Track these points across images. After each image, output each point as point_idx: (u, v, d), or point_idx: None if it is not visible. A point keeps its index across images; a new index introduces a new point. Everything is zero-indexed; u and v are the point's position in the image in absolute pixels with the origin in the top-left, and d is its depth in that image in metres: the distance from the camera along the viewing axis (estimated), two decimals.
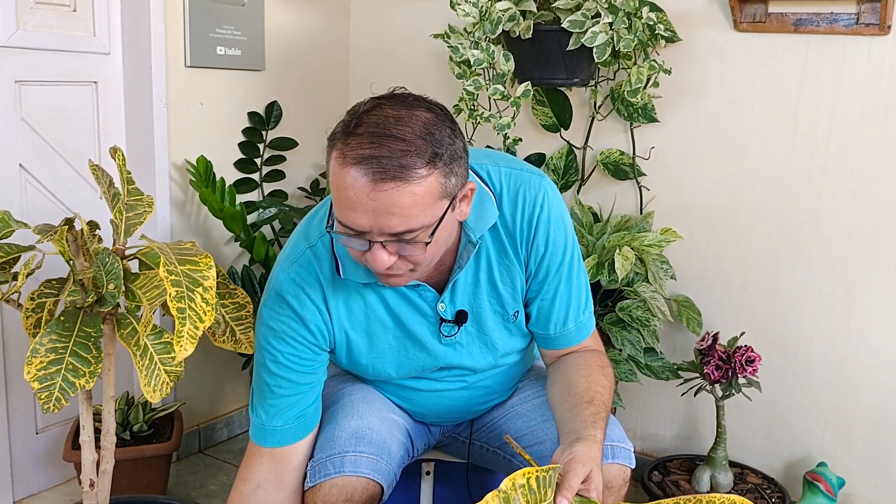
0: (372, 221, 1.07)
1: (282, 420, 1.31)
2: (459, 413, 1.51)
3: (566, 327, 1.37)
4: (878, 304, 1.99)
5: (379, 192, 1.05)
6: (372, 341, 1.34)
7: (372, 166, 1.05)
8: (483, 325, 1.35)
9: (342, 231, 1.12)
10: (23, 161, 1.96)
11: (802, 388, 2.11)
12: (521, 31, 1.97)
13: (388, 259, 1.11)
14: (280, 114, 2.46)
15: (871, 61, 1.92)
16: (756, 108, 2.08)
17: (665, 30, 2.04)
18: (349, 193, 1.07)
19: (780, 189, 2.07)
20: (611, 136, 2.27)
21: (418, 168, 1.06)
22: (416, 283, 1.28)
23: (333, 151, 1.10)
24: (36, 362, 1.13)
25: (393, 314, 1.32)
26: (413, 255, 1.13)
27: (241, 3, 2.31)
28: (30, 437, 2.08)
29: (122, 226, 1.25)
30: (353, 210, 1.07)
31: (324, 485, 1.27)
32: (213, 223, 2.32)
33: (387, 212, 1.06)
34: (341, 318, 1.30)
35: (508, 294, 1.34)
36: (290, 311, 1.27)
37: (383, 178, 1.05)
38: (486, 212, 1.27)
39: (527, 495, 0.91)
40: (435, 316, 1.32)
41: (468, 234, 1.26)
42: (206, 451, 2.43)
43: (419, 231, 1.10)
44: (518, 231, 1.30)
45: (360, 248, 1.12)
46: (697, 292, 2.20)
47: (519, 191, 1.30)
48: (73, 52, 2.02)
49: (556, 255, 1.32)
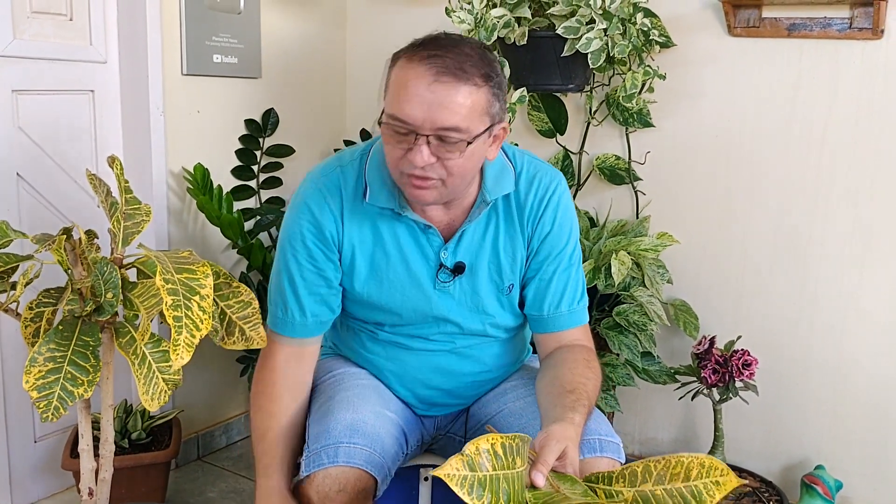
0: (425, 114, 1.20)
1: (301, 317, 1.41)
2: (448, 384, 1.52)
3: (559, 309, 1.44)
4: (873, 306, 2.00)
5: (439, 84, 1.19)
6: (373, 268, 1.41)
7: (437, 63, 1.20)
8: (477, 285, 1.43)
9: (393, 125, 1.23)
10: (20, 170, 1.97)
11: (799, 392, 2.12)
12: (517, 37, 1.98)
13: (428, 157, 1.23)
14: (277, 121, 2.47)
15: (864, 65, 1.93)
16: (751, 113, 2.09)
17: (659, 35, 2.05)
18: (410, 85, 1.20)
19: (776, 193, 2.08)
20: (606, 141, 2.28)
21: (475, 76, 1.22)
22: (426, 224, 1.38)
23: (398, 61, 1.24)
24: (35, 371, 1.13)
25: (399, 248, 1.40)
26: (449, 160, 1.24)
27: (238, 11, 2.32)
28: (28, 445, 2.08)
29: (120, 235, 1.26)
30: (411, 102, 1.20)
31: (318, 475, 1.29)
32: (211, 230, 2.32)
33: (441, 105, 1.19)
34: (352, 237, 1.39)
35: (507, 264, 1.43)
36: (310, 214, 1.38)
37: (445, 73, 1.19)
38: (504, 180, 1.40)
39: (492, 460, 0.92)
40: (436, 261, 1.41)
41: (484, 194, 1.38)
42: (204, 458, 2.43)
43: (463, 133, 1.22)
44: (529, 207, 1.42)
45: (405, 145, 1.24)
46: (694, 296, 2.21)
47: (536, 174, 1.43)
48: (69, 60, 2.03)
49: (559, 239, 1.43)
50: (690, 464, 0.97)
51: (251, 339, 1.36)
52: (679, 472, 0.98)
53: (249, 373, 2.38)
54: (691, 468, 0.97)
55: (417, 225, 1.39)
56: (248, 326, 1.35)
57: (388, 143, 1.27)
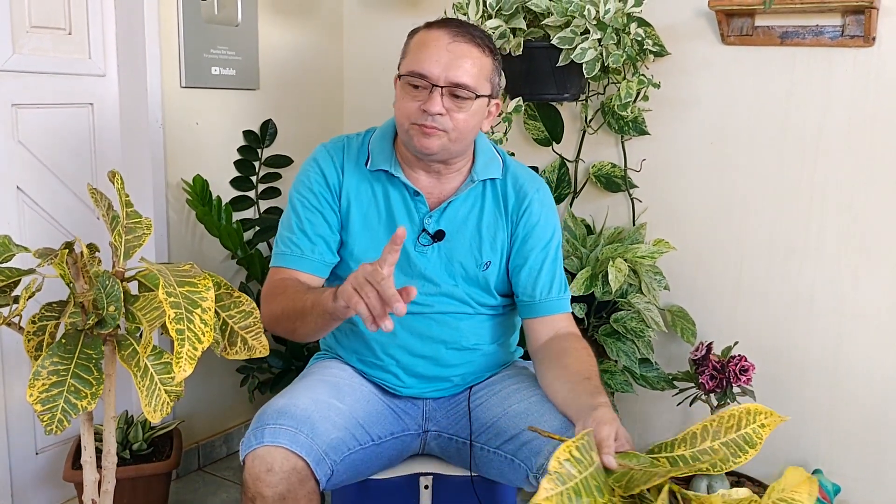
0: (442, 68, 1.41)
1: (310, 253, 1.53)
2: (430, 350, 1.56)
3: (550, 294, 1.57)
4: (869, 311, 2.01)
5: (456, 44, 1.42)
6: (365, 222, 1.55)
7: (453, 27, 1.44)
8: (453, 254, 1.56)
9: (412, 79, 1.43)
10: (20, 183, 1.98)
11: (796, 397, 2.13)
12: (512, 48, 2.00)
13: (440, 106, 1.42)
14: (275, 132, 2.48)
15: (856, 72, 1.95)
16: (745, 120, 2.10)
17: (653, 44, 2.07)
18: (430, 45, 1.43)
19: (771, 199, 2.10)
20: (602, 149, 2.30)
21: (485, 46, 1.46)
22: (416, 191, 1.54)
23: (418, 32, 1.48)
24: (38, 385, 1.14)
25: (389, 208, 1.55)
26: (456, 114, 1.43)
27: (235, 23, 2.34)
28: (29, 457, 2.08)
29: (121, 248, 1.27)
30: (430, 59, 1.41)
31: (248, 457, 1.34)
32: (210, 241, 2.33)
33: (456, 63, 1.41)
34: (350, 191, 1.56)
35: (488, 241, 1.57)
36: (317, 166, 1.57)
37: (461, 35, 1.43)
38: (492, 166, 1.59)
39: (576, 465, 0.95)
40: (420, 226, 1.55)
41: (473, 174, 1.56)
42: (205, 468, 2.44)
43: (471, 90, 1.42)
44: (514, 199, 1.58)
45: (420, 97, 1.42)
46: (691, 302, 2.22)
47: (522, 173, 1.62)
48: (68, 74, 2.04)
49: (545, 232, 1.58)
50: (740, 415, 1.06)
51: (253, 347, 1.37)
52: (732, 425, 1.07)
53: (250, 383, 2.39)
54: (741, 418, 1.06)
55: (408, 190, 1.55)
56: (249, 336, 1.36)
57: (404, 98, 1.45)
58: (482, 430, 1.52)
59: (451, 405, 1.60)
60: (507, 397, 1.53)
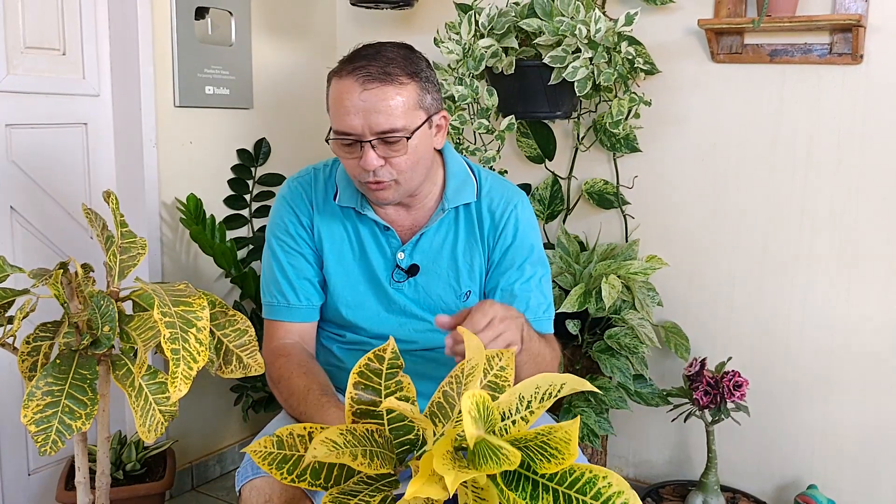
0: (362, 121, 1.32)
1: (295, 300, 1.50)
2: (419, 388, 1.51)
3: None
4: (861, 325, 2.02)
5: (367, 92, 1.31)
6: (340, 261, 1.51)
7: (361, 73, 1.32)
8: (431, 287, 1.50)
9: (339, 139, 1.36)
10: (13, 203, 1.98)
11: (790, 412, 2.14)
12: (504, 66, 2.02)
13: (376, 161, 1.34)
14: (268, 150, 2.49)
15: (845, 89, 1.98)
16: (735, 137, 2.12)
17: (644, 63, 2.09)
18: (344, 99, 1.33)
19: (762, 215, 2.11)
20: (594, 166, 2.31)
21: (399, 76, 1.33)
22: (385, 225, 1.48)
23: (332, 78, 1.38)
24: (32, 406, 1.13)
25: (361, 245, 1.51)
26: (396, 159, 1.35)
27: (229, 43, 2.35)
28: (22, 478, 2.07)
29: (116, 268, 1.27)
30: (348, 113, 1.33)
31: (245, 488, 1.32)
32: (204, 260, 2.33)
33: (374, 110, 1.31)
34: (322, 229, 1.51)
35: (466, 270, 1.50)
36: (289, 206, 1.52)
37: (370, 80, 1.32)
38: (465, 191, 1.50)
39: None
40: (393, 261, 1.50)
41: (444, 201, 1.48)
42: (198, 488, 2.42)
43: (400, 131, 1.33)
44: (490, 220, 1.50)
45: (354, 155, 1.35)
46: (684, 318, 2.23)
47: (498, 188, 1.53)
48: (63, 94, 2.05)
49: (521, 251, 1.50)
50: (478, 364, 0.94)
51: (248, 366, 1.36)
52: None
53: (244, 402, 2.38)
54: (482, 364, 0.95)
55: (378, 225, 1.50)
56: (245, 354, 1.35)
57: (341, 156, 1.39)
58: None
59: None
60: None
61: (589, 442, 2.01)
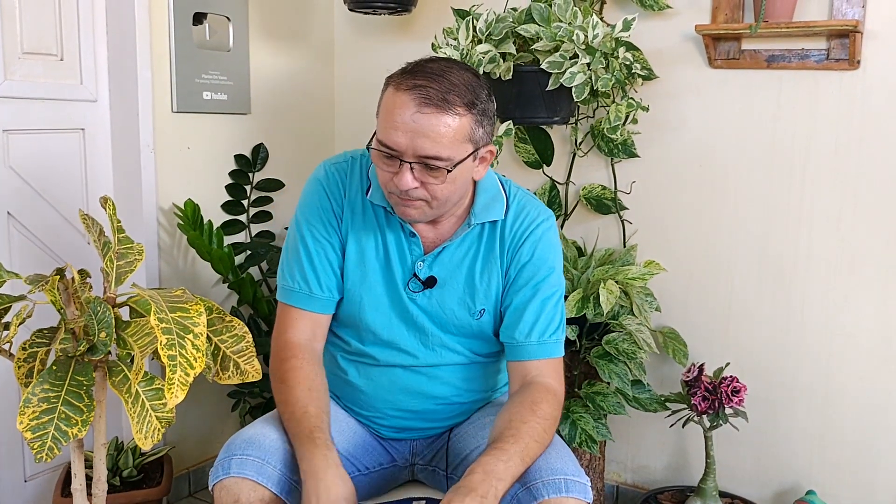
0: (409, 141, 1.28)
1: (318, 290, 1.47)
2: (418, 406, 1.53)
3: (529, 338, 1.45)
4: (858, 330, 2.02)
5: (421, 115, 1.26)
6: (360, 257, 1.48)
7: (420, 93, 1.27)
8: (445, 301, 1.47)
9: (380, 150, 1.31)
10: (10, 209, 1.98)
11: (789, 417, 2.14)
12: (502, 72, 2.02)
13: (412, 182, 1.31)
14: (266, 156, 2.49)
15: (842, 95, 1.98)
16: (733, 142, 2.12)
17: (641, 68, 2.09)
18: (396, 114, 1.28)
19: (760, 220, 2.12)
20: (592, 172, 2.31)
21: (457, 105, 1.28)
22: (412, 232, 1.45)
23: (389, 86, 1.32)
24: (29, 412, 1.13)
25: (384, 247, 1.47)
26: (432, 185, 1.32)
27: (227, 48, 2.35)
28: (18, 484, 2.06)
29: (113, 274, 1.27)
30: (396, 129, 1.28)
31: (215, 488, 1.31)
32: (201, 265, 2.33)
33: (423, 134, 1.27)
34: (348, 222, 1.48)
35: (482, 289, 1.47)
36: (324, 192, 1.48)
37: (428, 104, 1.27)
38: (494, 208, 1.47)
39: None
40: (412, 269, 1.47)
41: (470, 217, 1.45)
42: (196, 494, 2.41)
43: (444, 161, 1.29)
44: (511, 235, 1.47)
45: (391, 169, 1.32)
46: (682, 324, 2.23)
47: (526, 206, 1.50)
48: (60, 100, 2.05)
49: (537, 269, 1.46)
50: None
51: (246, 372, 1.36)
52: None
53: (241, 408, 2.37)
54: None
55: (404, 230, 1.46)
56: (242, 360, 1.35)
57: (378, 165, 1.35)
58: (458, 463, 1.50)
59: (437, 440, 1.59)
60: (482, 428, 1.50)
61: (587, 448, 2.01)
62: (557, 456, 1.34)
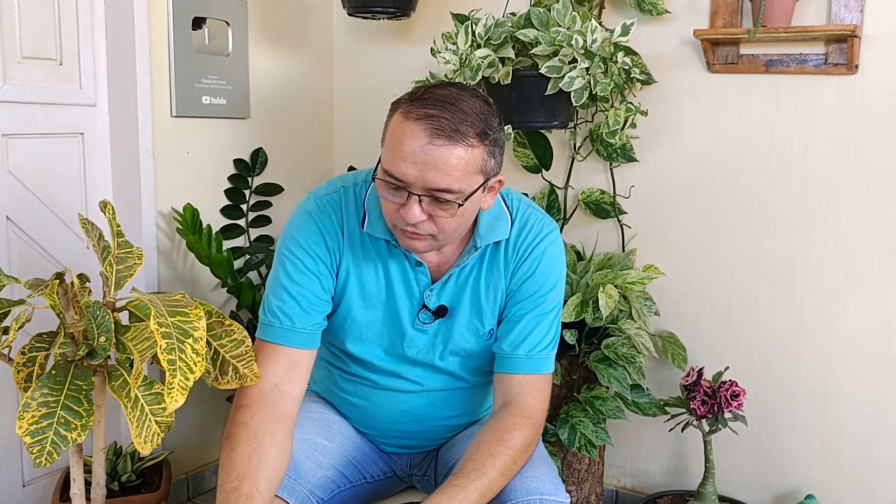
0: (418, 174, 1.20)
1: (301, 324, 1.37)
2: (418, 428, 1.52)
3: (517, 351, 1.41)
4: (857, 335, 2.03)
5: (432, 147, 1.19)
6: (363, 293, 1.41)
7: (432, 123, 1.19)
8: (453, 329, 1.42)
9: (387, 181, 1.24)
10: (9, 213, 1.97)
11: (788, 421, 2.13)
12: (501, 77, 2.02)
13: (420, 215, 1.24)
14: (265, 160, 2.49)
15: (840, 99, 1.98)
16: (731, 147, 2.13)
17: (640, 73, 2.09)
18: (405, 144, 1.21)
19: (758, 224, 2.12)
20: (591, 176, 2.31)
21: (470, 137, 1.21)
22: (417, 261, 1.38)
23: (397, 112, 1.25)
24: (28, 417, 1.13)
25: (388, 280, 1.40)
26: (441, 218, 1.25)
27: (226, 53, 2.36)
28: (16, 490, 2.06)
29: (112, 279, 1.26)
30: (405, 160, 1.20)
31: None
32: (200, 270, 2.33)
33: (434, 166, 1.20)
34: (348, 258, 1.39)
35: (489, 309, 1.43)
36: (315, 226, 1.38)
37: (439, 136, 1.19)
38: (499, 227, 1.41)
39: None
40: (420, 301, 1.41)
41: (475, 239, 1.39)
42: (194, 499, 2.41)
43: (455, 194, 1.22)
44: (514, 252, 1.42)
45: (398, 200, 1.24)
46: (681, 328, 2.23)
47: (529, 220, 1.44)
48: (59, 104, 2.05)
49: (538, 284, 1.42)
50: None
51: (245, 376, 1.36)
52: None
53: None
54: None
55: (409, 260, 1.40)
56: (241, 364, 1.35)
57: (382, 195, 1.28)
58: (447, 472, 1.49)
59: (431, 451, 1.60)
60: (469, 437, 1.48)
61: (586, 452, 2.01)
62: (534, 475, 1.32)
